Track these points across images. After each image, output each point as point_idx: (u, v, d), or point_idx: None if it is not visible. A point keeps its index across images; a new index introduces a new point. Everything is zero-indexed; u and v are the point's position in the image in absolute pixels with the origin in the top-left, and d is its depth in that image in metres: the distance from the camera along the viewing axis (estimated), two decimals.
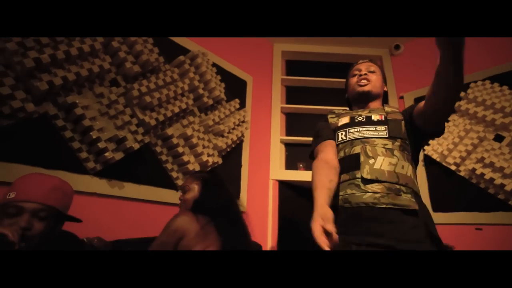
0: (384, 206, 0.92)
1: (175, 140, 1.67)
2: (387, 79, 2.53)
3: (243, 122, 2.16)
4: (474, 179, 1.93)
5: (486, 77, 2.08)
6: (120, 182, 1.47)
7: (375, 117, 1.10)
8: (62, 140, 1.29)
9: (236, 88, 2.24)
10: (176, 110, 1.69)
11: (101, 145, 1.33)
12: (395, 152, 1.00)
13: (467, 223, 1.92)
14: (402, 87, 2.53)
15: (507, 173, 1.77)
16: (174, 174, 1.70)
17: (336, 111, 1.23)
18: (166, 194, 1.65)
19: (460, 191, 1.98)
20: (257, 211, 2.14)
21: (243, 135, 2.17)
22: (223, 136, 1.97)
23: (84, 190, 1.32)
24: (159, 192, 1.62)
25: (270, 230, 2.15)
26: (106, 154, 1.35)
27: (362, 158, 0.99)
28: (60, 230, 0.98)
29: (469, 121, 2.06)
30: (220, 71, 2.09)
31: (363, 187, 0.96)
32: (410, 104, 1.28)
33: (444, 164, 2.05)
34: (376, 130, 1.06)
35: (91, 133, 1.31)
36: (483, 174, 1.86)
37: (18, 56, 1.14)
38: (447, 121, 2.10)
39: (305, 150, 1.70)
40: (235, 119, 2.07)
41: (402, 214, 0.92)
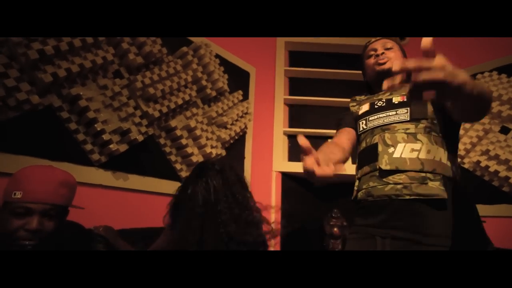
0: (407, 198, 0.86)
1: (178, 132, 1.67)
2: None
3: (246, 113, 2.15)
4: (478, 171, 1.92)
5: (493, 68, 2.04)
6: (125, 173, 1.48)
7: (395, 99, 1.00)
8: (67, 132, 1.30)
9: (239, 80, 2.22)
10: (180, 101, 1.69)
11: (105, 137, 1.34)
12: (419, 136, 0.91)
13: None
14: None
15: None
16: (178, 166, 1.71)
17: (358, 98, 1.15)
18: (170, 186, 1.66)
19: (464, 183, 1.97)
20: (260, 203, 2.15)
21: (246, 127, 2.16)
22: (226, 127, 1.97)
23: (89, 181, 1.34)
24: (163, 184, 1.64)
25: (273, 221, 2.17)
26: (111, 146, 1.36)
27: (380, 148, 0.93)
28: (66, 221, 1.00)
29: None
30: (223, 62, 2.07)
31: (384, 179, 0.90)
32: None
33: None
34: (396, 114, 0.97)
35: (95, 125, 1.32)
36: (487, 167, 1.85)
37: (22, 48, 1.14)
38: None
39: (308, 142, 1.69)
40: (238, 110, 2.06)
41: (429, 205, 0.85)
